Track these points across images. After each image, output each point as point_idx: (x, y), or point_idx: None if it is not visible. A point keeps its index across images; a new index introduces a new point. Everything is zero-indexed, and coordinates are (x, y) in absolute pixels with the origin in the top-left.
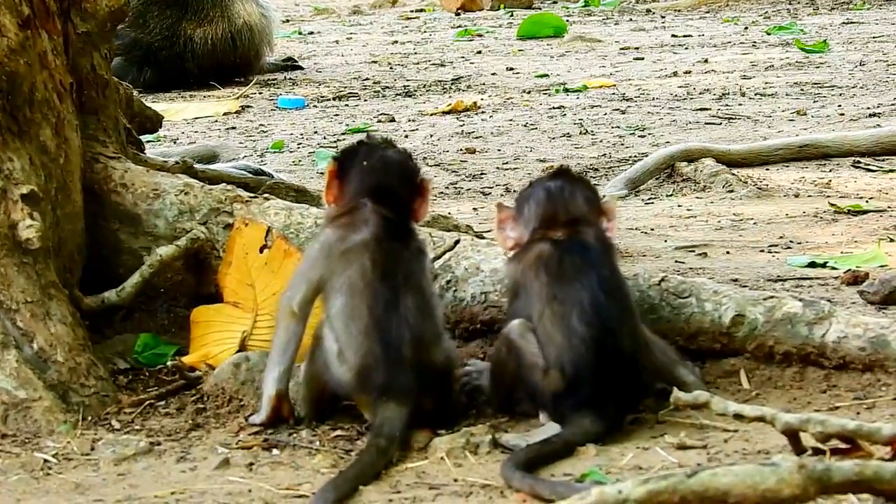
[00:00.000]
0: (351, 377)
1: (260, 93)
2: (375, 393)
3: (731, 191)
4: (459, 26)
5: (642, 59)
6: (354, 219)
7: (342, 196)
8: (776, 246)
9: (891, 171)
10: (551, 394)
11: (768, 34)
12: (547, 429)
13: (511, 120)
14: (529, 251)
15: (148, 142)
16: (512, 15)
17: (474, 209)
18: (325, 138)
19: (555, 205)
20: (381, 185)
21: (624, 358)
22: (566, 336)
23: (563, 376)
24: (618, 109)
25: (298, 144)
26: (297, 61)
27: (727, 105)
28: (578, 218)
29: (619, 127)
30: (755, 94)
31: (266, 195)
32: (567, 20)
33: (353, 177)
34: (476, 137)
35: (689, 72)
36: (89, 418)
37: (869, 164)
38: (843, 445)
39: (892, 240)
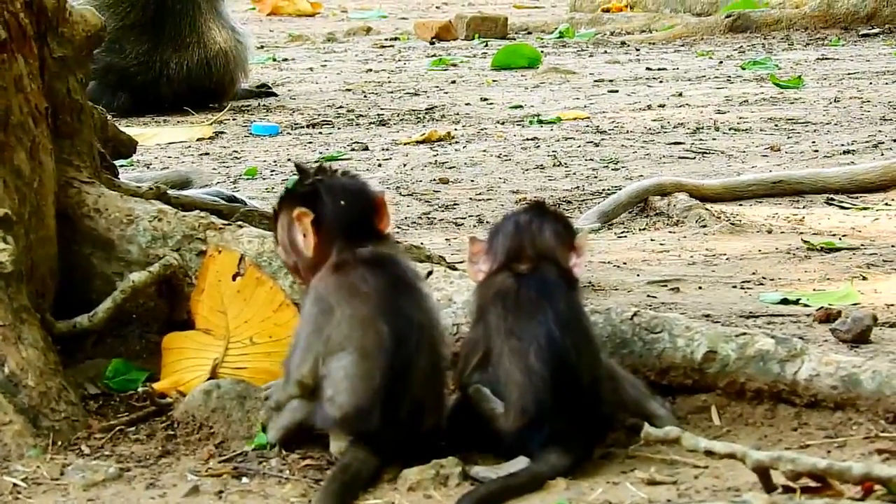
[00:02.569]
0: (336, 417)
1: (233, 119)
2: (354, 437)
3: (705, 226)
4: (434, 55)
5: (617, 91)
6: (346, 270)
7: (322, 243)
8: (749, 282)
9: (864, 208)
10: (515, 432)
11: (743, 69)
12: (517, 462)
13: (485, 150)
14: (492, 284)
15: (121, 166)
16: (487, 45)
17: (447, 240)
18: None
19: (521, 238)
20: (354, 218)
21: (584, 391)
22: (524, 373)
23: (524, 415)
24: (591, 142)
25: (272, 171)
26: (270, 88)
27: (701, 139)
28: (544, 253)
29: (592, 159)
30: (729, 129)
31: (239, 223)
32: (542, 51)
33: (328, 219)
34: (450, 167)
35: (664, 105)
36: (59, 443)
37: (843, 202)
38: (813, 484)
39: (864, 278)
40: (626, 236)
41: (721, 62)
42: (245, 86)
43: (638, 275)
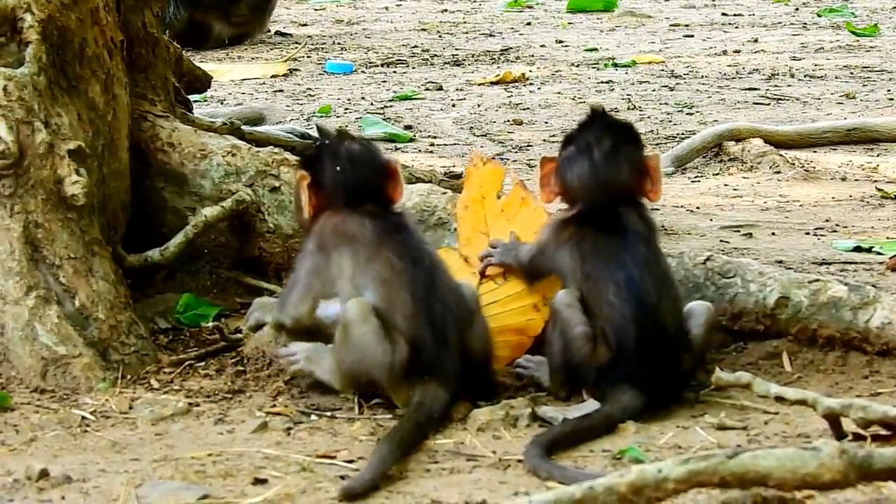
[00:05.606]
0: (400, 357)
1: (308, 56)
2: (418, 373)
3: (778, 172)
4: None
5: (692, 36)
6: (345, 218)
7: (321, 204)
8: (822, 229)
9: None
10: (595, 367)
11: (819, 16)
12: (588, 404)
13: (559, 93)
14: (565, 225)
15: (195, 102)
16: None
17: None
18: (372, 104)
19: (593, 173)
20: (357, 182)
21: (664, 334)
22: (606, 309)
23: (604, 348)
24: (666, 86)
25: (345, 109)
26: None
27: (776, 86)
28: (617, 186)
29: (667, 104)
30: (804, 76)
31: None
32: None
33: (328, 182)
34: (523, 109)
35: (739, 51)
36: (128, 377)
37: None
38: (884, 432)
39: None
40: (699, 181)
41: (797, 9)
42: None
43: (711, 220)
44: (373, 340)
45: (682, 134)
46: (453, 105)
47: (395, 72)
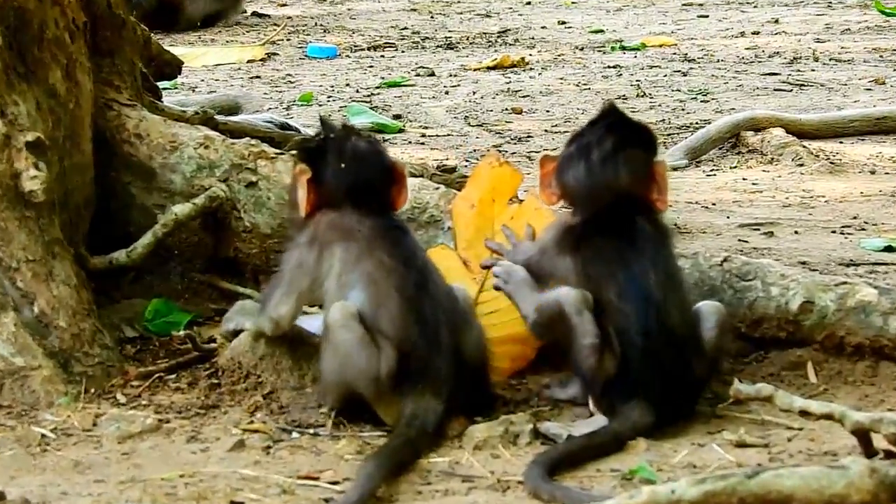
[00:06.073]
0: (388, 364)
1: (287, 39)
2: (409, 382)
3: (801, 164)
4: None
5: (707, 16)
6: (341, 214)
7: (319, 201)
8: (849, 227)
9: None
10: (602, 379)
11: None
12: (595, 420)
13: (562, 78)
14: (570, 229)
15: (164, 89)
16: None
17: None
18: (357, 91)
19: (597, 177)
20: (360, 182)
21: (675, 346)
22: (614, 320)
23: (612, 359)
24: (679, 71)
25: (329, 97)
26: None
27: (798, 70)
28: (622, 191)
29: (679, 90)
30: (829, 60)
31: (293, 152)
32: None
33: (329, 179)
34: (523, 96)
35: (758, 32)
36: (92, 390)
37: None
38: None
39: None
40: (715, 174)
41: None
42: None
43: (728, 217)
44: (356, 348)
45: (697, 123)
46: (446, 92)
47: (382, 56)
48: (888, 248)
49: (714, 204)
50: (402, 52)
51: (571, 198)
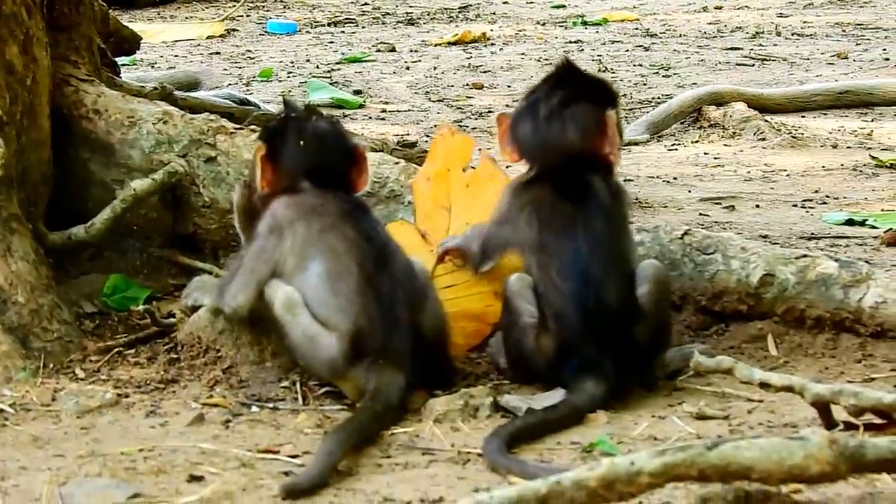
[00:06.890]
0: (341, 346)
1: (247, 15)
2: (370, 358)
3: (763, 139)
4: None
5: None
6: (303, 194)
7: (277, 180)
8: (810, 200)
9: None
10: (543, 358)
11: None
12: (554, 393)
13: (523, 54)
14: (525, 189)
15: (123, 65)
16: None
17: (479, 149)
18: (317, 67)
19: (546, 134)
20: (319, 163)
21: (613, 314)
22: (552, 290)
23: (557, 335)
24: (641, 46)
25: (288, 73)
26: None
27: (761, 45)
28: (573, 148)
29: (641, 65)
30: (792, 34)
31: (253, 127)
32: None
33: (287, 158)
34: (484, 72)
35: (721, 7)
36: (51, 366)
37: None
38: (878, 420)
39: None
40: (676, 149)
41: None
42: None
43: (689, 191)
44: (303, 337)
45: (659, 98)
46: (407, 68)
47: (342, 31)
48: (849, 222)
49: (675, 178)
50: (363, 27)
51: (524, 154)
